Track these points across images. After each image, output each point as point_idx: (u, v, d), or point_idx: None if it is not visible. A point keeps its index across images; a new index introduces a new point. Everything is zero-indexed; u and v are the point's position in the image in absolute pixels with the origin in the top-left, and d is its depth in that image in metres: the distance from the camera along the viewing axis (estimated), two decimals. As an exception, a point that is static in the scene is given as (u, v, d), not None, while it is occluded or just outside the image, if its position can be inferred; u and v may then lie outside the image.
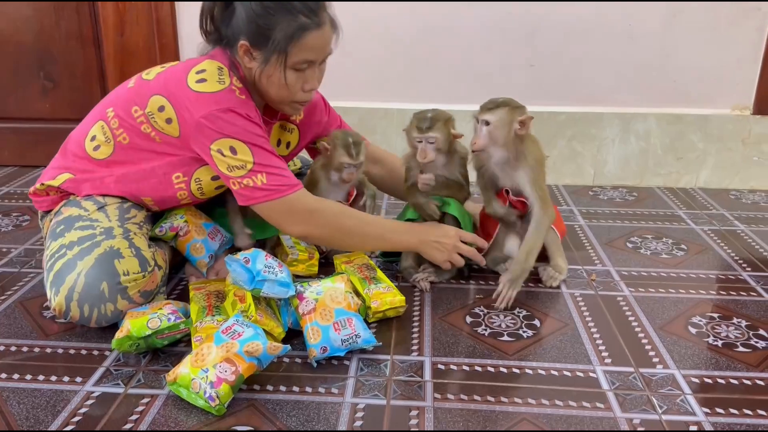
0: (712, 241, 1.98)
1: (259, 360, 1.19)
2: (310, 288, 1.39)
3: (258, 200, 1.42)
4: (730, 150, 2.45)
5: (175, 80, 1.44)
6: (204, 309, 1.42)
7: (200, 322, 1.36)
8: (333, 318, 1.33)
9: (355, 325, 1.33)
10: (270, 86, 1.45)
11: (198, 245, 1.61)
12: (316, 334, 1.31)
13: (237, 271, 1.34)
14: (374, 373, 1.29)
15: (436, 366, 1.32)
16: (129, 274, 1.37)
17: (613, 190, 2.47)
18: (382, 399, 1.21)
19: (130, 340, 1.30)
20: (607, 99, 2.46)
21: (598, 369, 1.31)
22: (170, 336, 1.34)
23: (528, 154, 1.56)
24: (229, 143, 1.38)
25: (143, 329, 1.30)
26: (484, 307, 1.56)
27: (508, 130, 1.53)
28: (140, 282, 1.39)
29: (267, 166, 1.40)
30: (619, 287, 1.67)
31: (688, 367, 1.32)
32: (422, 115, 1.59)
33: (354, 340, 1.32)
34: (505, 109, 1.53)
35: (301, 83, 1.46)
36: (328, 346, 1.30)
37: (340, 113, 2.55)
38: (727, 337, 1.44)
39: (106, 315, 1.37)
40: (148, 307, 1.38)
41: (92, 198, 1.52)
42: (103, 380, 1.26)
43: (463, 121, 2.50)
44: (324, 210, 1.49)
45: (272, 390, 1.23)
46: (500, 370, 1.30)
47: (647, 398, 1.22)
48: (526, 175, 1.56)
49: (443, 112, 1.61)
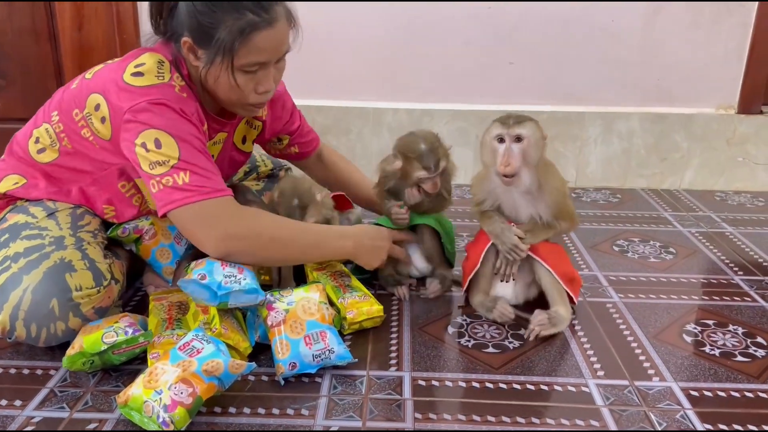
0: (700, 243, 1.90)
1: (220, 380, 1.07)
2: (281, 297, 1.28)
3: (176, 204, 1.22)
4: (715, 150, 2.38)
5: (111, 75, 1.30)
6: (164, 322, 1.30)
7: (159, 337, 1.24)
8: (304, 331, 1.22)
9: (328, 339, 1.22)
10: (218, 88, 1.31)
11: (165, 250, 1.49)
12: (285, 348, 1.20)
13: (195, 291, 1.22)
14: (349, 391, 1.17)
15: (417, 382, 1.21)
16: (82, 289, 1.24)
17: (595, 191, 2.39)
18: (358, 420, 1.09)
19: (83, 357, 1.17)
20: (589, 98, 2.38)
21: (591, 383, 1.21)
22: (128, 351, 1.20)
23: (551, 183, 1.36)
24: (155, 135, 1.23)
25: (98, 345, 1.17)
26: (466, 317, 1.45)
27: (542, 146, 1.33)
28: (94, 298, 1.26)
29: (194, 165, 1.23)
30: (607, 293, 1.58)
31: (685, 379, 1.23)
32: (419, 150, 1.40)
33: (327, 356, 1.20)
34: (534, 123, 1.33)
35: (253, 85, 1.30)
36: (297, 362, 1.19)
37: (314, 112, 2.45)
38: (724, 345, 1.35)
39: (56, 335, 1.23)
40: (103, 321, 1.25)
41: (42, 203, 1.38)
42: (46, 403, 1.13)
43: (440, 122, 2.43)
44: (253, 218, 1.31)
45: (235, 412, 1.11)
46: (486, 385, 1.20)
47: (644, 414, 1.12)
48: (549, 208, 1.37)
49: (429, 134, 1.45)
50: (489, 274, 1.44)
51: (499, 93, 2.38)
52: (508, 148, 1.31)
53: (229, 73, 1.26)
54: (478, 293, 1.45)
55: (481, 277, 1.44)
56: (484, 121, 2.33)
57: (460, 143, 2.39)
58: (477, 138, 2.38)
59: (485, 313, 1.43)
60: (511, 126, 1.31)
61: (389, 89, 2.40)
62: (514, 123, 1.31)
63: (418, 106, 2.39)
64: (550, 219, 1.38)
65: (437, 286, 1.53)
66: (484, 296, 1.44)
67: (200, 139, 1.28)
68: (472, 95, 2.39)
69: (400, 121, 2.39)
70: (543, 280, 1.39)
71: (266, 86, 1.32)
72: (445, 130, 2.39)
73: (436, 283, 1.53)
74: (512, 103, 2.34)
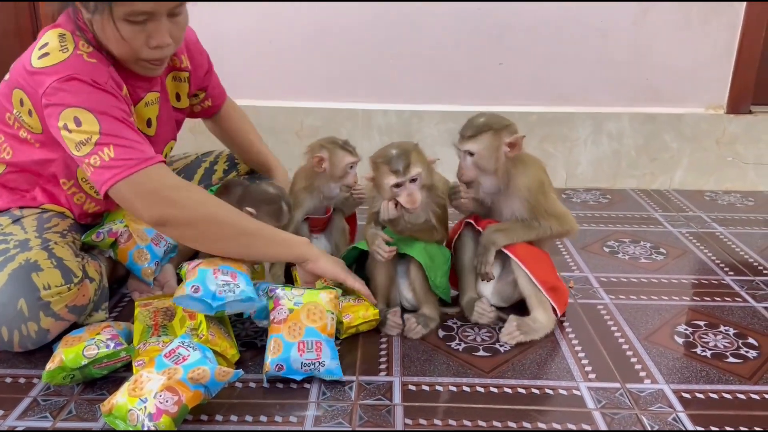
0: (691, 244, 1.90)
1: (207, 388, 1.05)
2: (291, 295, 1.25)
3: (108, 183, 1.18)
4: (705, 150, 2.38)
5: (20, 64, 1.27)
6: (149, 328, 1.27)
7: (144, 344, 1.22)
8: (301, 336, 1.20)
9: (323, 350, 1.19)
10: (108, 42, 1.24)
11: (142, 252, 1.46)
12: (277, 347, 1.18)
13: (191, 305, 1.19)
14: (338, 396, 1.16)
15: (407, 387, 1.19)
16: (50, 287, 1.21)
17: (586, 192, 2.39)
18: (347, 427, 1.08)
19: (63, 372, 1.13)
20: (579, 98, 2.37)
21: (582, 386, 1.20)
22: (109, 365, 1.17)
23: (519, 181, 1.35)
24: (73, 113, 1.19)
25: (78, 359, 1.13)
26: (457, 320, 1.44)
27: (496, 156, 1.34)
28: (66, 296, 1.23)
29: (116, 137, 1.20)
30: (598, 294, 1.57)
31: (677, 381, 1.22)
32: (388, 155, 1.31)
33: (316, 367, 1.18)
34: (488, 134, 1.32)
35: (144, 38, 1.23)
36: (284, 364, 1.17)
37: (302, 114, 2.43)
38: (715, 346, 1.34)
39: (30, 336, 1.21)
40: (85, 331, 1.22)
41: (8, 212, 1.36)
42: (29, 413, 1.11)
43: (430, 124, 2.41)
44: (189, 192, 1.27)
45: (222, 420, 1.09)
46: (477, 389, 1.19)
47: (636, 417, 1.11)
48: (522, 205, 1.36)
49: (405, 143, 1.36)
50: (470, 269, 1.43)
51: (489, 94, 2.37)
52: (462, 161, 1.37)
53: (111, 23, 1.20)
54: (466, 292, 1.45)
55: (463, 275, 1.45)
56: (474, 122, 2.33)
57: (449, 144, 2.36)
58: (467, 139, 2.37)
59: (468, 314, 1.42)
60: (464, 140, 1.35)
61: (379, 91, 2.39)
62: (467, 137, 1.34)
63: (408, 107, 2.38)
64: (528, 219, 1.37)
65: (415, 326, 1.36)
66: (469, 295, 1.44)
67: (120, 108, 1.24)
68: (461, 96, 2.38)
69: (390, 123, 2.38)
70: (520, 280, 1.37)
71: (158, 40, 1.24)
72: (435, 132, 2.38)
73: (413, 323, 1.36)
74: (502, 103, 2.33)
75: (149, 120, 1.42)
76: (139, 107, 1.37)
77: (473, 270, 1.42)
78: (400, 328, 1.37)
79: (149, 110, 1.41)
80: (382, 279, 1.41)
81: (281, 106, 2.37)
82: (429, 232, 1.40)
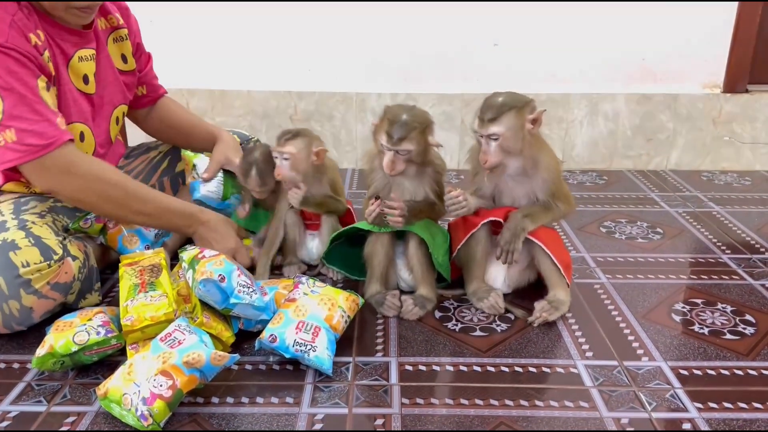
0: (687, 223, 1.89)
1: (202, 372, 1.04)
2: (312, 284, 1.27)
3: (6, 164, 1.21)
4: (701, 130, 2.37)
5: None
6: (136, 287, 1.22)
7: (132, 300, 1.17)
8: (304, 317, 1.19)
9: (319, 337, 1.17)
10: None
11: (131, 236, 1.44)
12: (278, 320, 1.19)
13: (210, 291, 1.18)
14: (334, 377, 1.15)
15: (404, 367, 1.19)
16: (29, 264, 1.20)
17: (582, 174, 2.37)
18: (344, 407, 1.07)
19: (53, 358, 1.13)
20: (574, 79, 2.36)
21: (580, 364, 1.20)
22: (100, 352, 1.16)
23: (543, 163, 1.33)
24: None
25: (68, 345, 1.12)
26: (453, 301, 1.43)
27: (522, 135, 1.29)
28: (46, 273, 1.22)
29: (19, 117, 1.18)
30: (595, 274, 1.56)
31: (675, 359, 1.22)
32: (396, 117, 1.31)
33: (306, 350, 1.15)
34: (511, 113, 1.27)
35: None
36: (278, 337, 1.16)
37: (295, 98, 2.41)
38: (713, 324, 1.34)
39: (12, 315, 1.20)
40: (77, 316, 1.20)
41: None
42: (23, 397, 1.10)
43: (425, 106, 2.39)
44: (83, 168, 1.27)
45: (218, 402, 1.09)
46: (474, 369, 1.18)
47: (634, 394, 1.11)
48: (545, 185, 1.34)
49: (420, 116, 1.34)
50: (482, 261, 1.41)
51: (484, 76, 2.35)
52: (485, 146, 1.30)
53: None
54: (473, 281, 1.42)
55: (473, 264, 1.41)
56: (470, 105, 2.32)
57: (445, 127, 2.36)
58: (462, 122, 2.36)
59: (476, 302, 1.40)
60: (485, 124, 1.28)
61: (372, 73, 2.36)
62: (488, 120, 1.27)
63: (402, 90, 2.36)
64: (547, 199, 1.35)
65: (412, 307, 1.35)
66: (478, 284, 1.41)
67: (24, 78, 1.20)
68: (456, 79, 2.36)
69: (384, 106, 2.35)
70: (542, 264, 1.36)
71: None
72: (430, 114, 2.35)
73: (411, 304, 1.36)
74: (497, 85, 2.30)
75: (85, 76, 1.39)
76: (73, 62, 1.35)
77: (485, 258, 1.40)
78: (397, 310, 1.36)
79: (84, 66, 1.38)
80: (380, 259, 1.40)
81: (274, 91, 2.35)
82: (431, 208, 1.40)
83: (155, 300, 1.17)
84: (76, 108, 1.36)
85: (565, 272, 1.36)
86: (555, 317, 1.33)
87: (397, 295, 1.39)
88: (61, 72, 1.32)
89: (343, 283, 1.52)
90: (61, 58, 1.32)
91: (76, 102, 1.36)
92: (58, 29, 1.30)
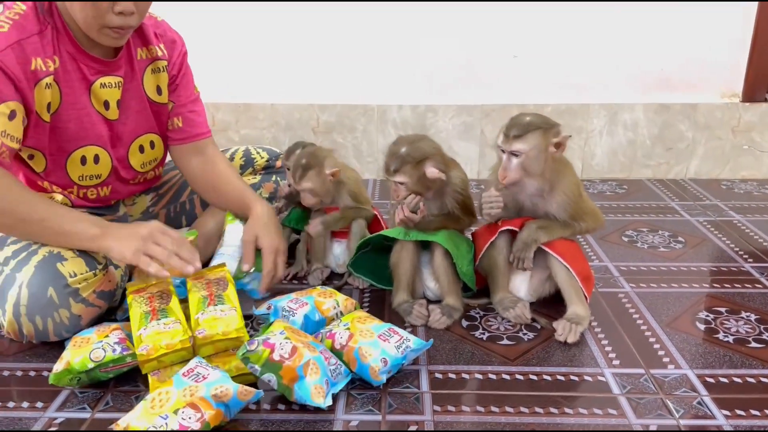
0: (709, 232, 1.91)
1: (228, 407, 1.05)
2: (337, 323, 1.28)
3: None
4: (720, 139, 2.39)
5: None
6: (147, 314, 1.21)
7: (144, 329, 1.16)
8: (375, 334, 1.21)
9: (399, 332, 1.24)
10: (72, 7, 1.25)
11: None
12: (368, 351, 1.18)
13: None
14: (366, 385, 1.18)
15: (434, 375, 1.21)
16: (76, 275, 1.24)
17: (602, 183, 2.40)
18: (377, 414, 1.10)
19: (70, 374, 1.14)
20: (593, 89, 2.38)
21: (607, 372, 1.22)
22: (115, 369, 1.18)
23: (561, 187, 1.35)
24: None
25: (85, 362, 1.14)
26: (480, 310, 1.46)
27: (545, 157, 1.31)
28: (92, 282, 1.27)
29: None
30: (619, 283, 1.58)
31: (700, 366, 1.23)
32: (392, 149, 1.37)
33: (406, 345, 1.20)
34: (537, 133, 1.28)
35: (109, 3, 1.22)
36: (387, 357, 1.17)
37: (318, 111, 2.45)
38: (737, 332, 1.36)
39: (63, 324, 1.25)
40: (94, 332, 1.22)
41: None
42: (67, 404, 1.14)
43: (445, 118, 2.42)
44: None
45: (255, 409, 1.12)
46: (503, 377, 1.21)
47: (662, 402, 1.13)
48: (561, 208, 1.36)
49: (420, 149, 1.36)
50: (505, 270, 1.43)
51: (503, 87, 2.38)
52: (506, 162, 1.32)
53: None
54: (498, 291, 1.44)
55: (497, 274, 1.43)
56: (489, 116, 2.36)
57: (465, 137, 2.40)
58: (482, 132, 2.39)
59: (502, 311, 1.42)
60: (510, 140, 1.30)
61: (393, 86, 2.40)
62: (514, 137, 1.29)
63: (423, 101, 2.39)
64: (566, 219, 1.37)
65: (439, 316, 1.39)
66: (503, 294, 1.44)
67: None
68: (476, 90, 2.39)
69: (405, 117, 2.39)
70: (559, 276, 1.38)
71: (124, 6, 1.24)
72: (450, 126, 2.40)
73: (438, 313, 1.39)
74: (516, 96, 2.35)
75: (106, 102, 1.39)
76: (94, 88, 1.36)
77: (508, 267, 1.42)
78: (425, 319, 1.39)
79: (106, 92, 1.38)
80: (406, 268, 1.43)
81: (297, 104, 2.40)
82: (454, 221, 1.44)
83: (168, 327, 1.16)
84: (93, 131, 1.39)
85: (583, 284, 1.37)
86: (576, 337, 1.32)
87: (424, 304, 1.42)
88: (78, 95, 1.34)
89: (369, 292, 1.55)
90: (82, 82, 1.34)
91: (94, 126, 1.38)
92: (83, 55, 1.33)
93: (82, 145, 1.39)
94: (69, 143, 1.37)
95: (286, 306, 1.31)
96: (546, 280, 1.44)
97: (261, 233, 1.41)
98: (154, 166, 1.57)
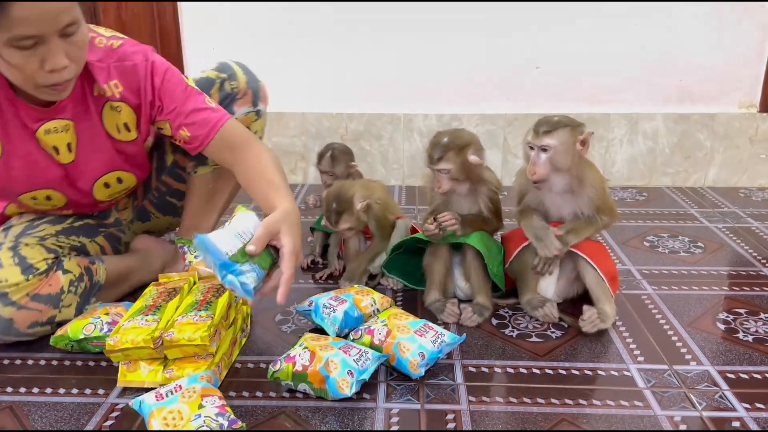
0: (728, 238, 1.97)
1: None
2: (375, 320, 1.35)
3: None
4: (738, 148, 2.45)
5: None
6: (143, 308, 1.27)
7: (128, 321, 1.22)
8: (411, 330, 1.29)
9: (434, 327, 1.31)
10: (1, 67, 1.17)
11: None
12: (406, 346, 1.26)
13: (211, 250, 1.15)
14: (404, 377, 1.26)
15: (467, 369, 1.29)
16: (7, 281, 1.31)
17: (622, 190, 2.46)
18: (416, 403, 1.18)
19: (66, 340, 1.32)
20: (614, 99, 2.45)
21: (632, 367, 1.28)
22: (101, 345, 1.30)
23: (589, 180, 1.41)
24: None
25: (78, 332, 1.31)
26: (508, 309, 1.53)
27: (572, 153, 1.38)
28: (23, 285, 1.32)
29: None
30: (642, 286, 1.65)
31: (721, 363, 1.30)
32: (436, 139, 1.46)
33: (441, 339, 1.27)
34: (565, 130, 1.36)
35: (38, 63, 1.14)
36: (424, 351, 1.25)
37: (346, 119, 2.54)
38: (756, 332, 1.42)
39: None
40: (100, 309, 1.38)
41: (10, 220, 1.49)
42: (127, 392, 1.22)
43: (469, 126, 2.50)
44: None
45: (302, 397, 1.20)
46: (533, 371, 1.28)
47: (684, 395, 1.19)
48: (590, 202, 1.42)
49: (461, 137, 1.45)
50: (532, 275, 1.49)
51: (526, 96, 2.46)
52: (534, 157, 1.39)
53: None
54: (527, 292, 1.50)
55: (527, 275, 1.50)
56: (512, 124, 2.43)
57: (488, 145, 2.44)
58: (505, 140, 2.46)
59: (531, 310, 1.49)
60: (540, 135, 1.37)
61: (419, 95, 2.49)
62: (543, 132, 1.36)
63: (448, 110, 2.47)
64: (592, 214, 1.44)
65: (471, 314, 1.46)
66: (532, 294, 1.50)
67: None
68: (499, 99, 2.47)
69: (431, 126, 2.47)
70: (588, 277, 1.44)
71: (54, 63, 1.14)
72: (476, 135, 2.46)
73: (470, 311, 1.46)
74: (539, 106, 2.42)
75: (55, 147, 1.35)
76: (39, 135, 1.32)
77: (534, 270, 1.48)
78: (456, 317, 1.46)
79: (53, 138, 1.34)
80: (439, 269, 1.51)
81: (326, 113, 2.49)
82: (484, 222, 1.51)
83: (146, 324, 1.21)
84: (43, 177, 1.38)
85: (610, 284, 1.44)
86: (594, 329, 1.38)
87: (456, 303, 1.49)
88: (21, 143, 1.32)
89: (402, 292, 1.63)
90: (24, 129, 1.31)
91: (43, 172, 1.37)
92: (20, 104, 1.28)
93: (31, 190, 1.39)
94: (17, 186, 1.38)
95: (326, 302, 1.39)
96: (573, 282, 1.50)
97: (285, 230, 1.22)
98: (125, 193, 1.57)
